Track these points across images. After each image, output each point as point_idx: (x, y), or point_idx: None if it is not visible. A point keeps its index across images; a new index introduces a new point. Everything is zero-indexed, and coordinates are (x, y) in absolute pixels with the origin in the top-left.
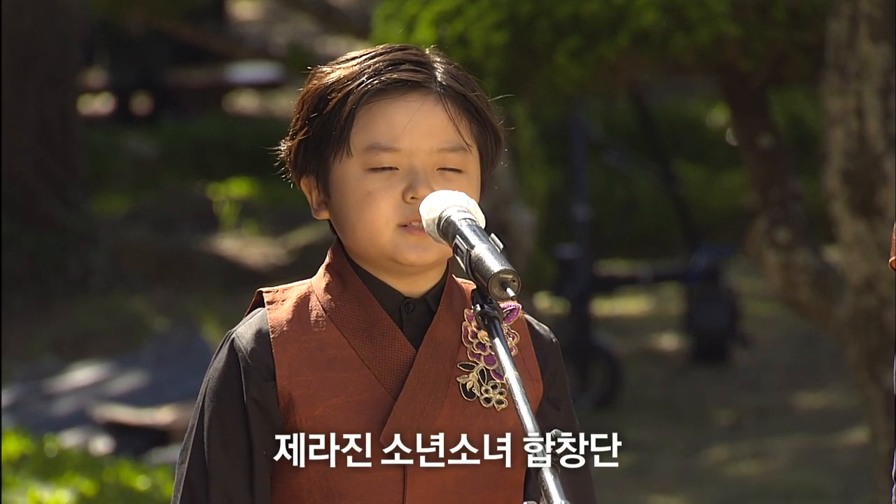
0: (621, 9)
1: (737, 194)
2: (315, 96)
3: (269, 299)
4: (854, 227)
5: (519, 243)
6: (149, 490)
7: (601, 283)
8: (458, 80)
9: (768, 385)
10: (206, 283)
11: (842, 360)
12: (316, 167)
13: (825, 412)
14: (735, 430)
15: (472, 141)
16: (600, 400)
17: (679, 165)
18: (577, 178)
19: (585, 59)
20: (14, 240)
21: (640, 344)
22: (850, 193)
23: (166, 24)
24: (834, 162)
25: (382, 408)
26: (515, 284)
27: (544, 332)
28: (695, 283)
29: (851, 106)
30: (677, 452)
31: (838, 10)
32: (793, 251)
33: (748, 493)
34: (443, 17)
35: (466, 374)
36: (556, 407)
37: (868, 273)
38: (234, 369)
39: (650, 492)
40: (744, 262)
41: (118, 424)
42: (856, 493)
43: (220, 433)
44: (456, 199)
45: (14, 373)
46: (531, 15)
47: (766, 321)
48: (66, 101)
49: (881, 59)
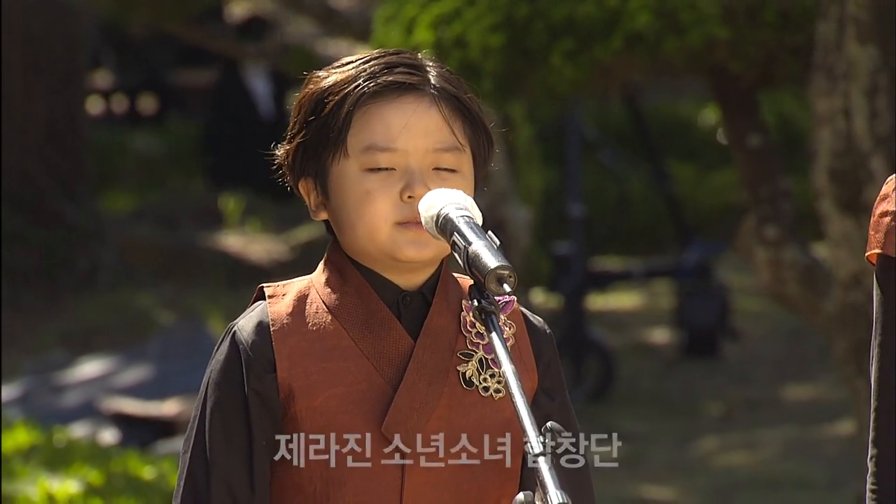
0: (615, 12)
1: (727, 192)
2: (312, 100)
3: (270, 293)
4: (841, 224)
5: (515, 240)
6: (155, 480)
7: (595, 278)
8: (451, 82)
9: (757, 378)
10: (211, 279)
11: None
12: (314, 169)
13: (813, 404)
14: (725, 422)
15: (465, 141)
16: (594, 392)
17: (671, 164)
18: (572, 177)
19: (580, 60)
20: (23, 236)
21: (632, 338)
22: (837, 191)
23: (171, 26)
24: (822, 161)
25: (381, 397)
26: (512, 280)
27: (539, 323)
28: (686, 279)
29: (839, 106)
30: (669, 443)
31: (826, 12)
32: (781, 247)
33: (738, 482)
34: (441, 20)
35: (466, 363)
36: (550, 397)
37: (855, 269)
38: (235, 361)
39: (643, 482)
40: (734, 259)
41: (125, 416)
42: (843, 483)
43: (221, 423)
44: (454, 196)
45: (23, 366)
46: (527, 17)
47: (755, 316)
48: (73, 101)
49: (868, 61)
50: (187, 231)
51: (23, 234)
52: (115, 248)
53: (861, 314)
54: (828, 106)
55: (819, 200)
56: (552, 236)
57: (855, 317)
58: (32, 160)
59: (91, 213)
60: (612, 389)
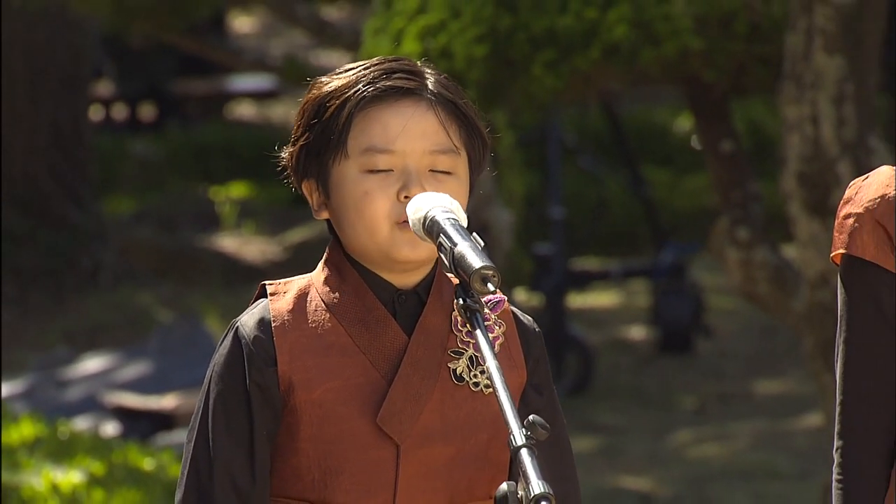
0: (593, 24)
1: (700, 196)
2: (315, 104)
3: (272, 291)
4: (809, 226)
5: (498, 241)
6: (154, 470)
7: (575, 278)
8: (447, 88)
9: (730, 373)
10: (208, 279)
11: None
12: (316, 171)
13: (783, 398)
14: (699, 415)
15: (461, 144)
16: (574, 387)
17: (647, 169)
18: (553, 181)
19: (560, 70)
20: (29, 238)
21: (610, 335)
22: (805, 195)
23: (169, 37)
24: (791, 165)
25: (377, 391)
26: (495, 279)
27: (528, 322)
28: (661, 278)
29: (807, 113)
30: (645, 435)
31: (795, 24)
32: (752, 248)
33: (711, 473)
34: (428, 32)
35: (457, 360)
36: (539, 392)
37: (822, 269)
38: (238, 355)
39: (620, 472)
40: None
41: (126, 410)
42: (811, 473)
43: (224, 415)
44: (440, 200)
45: (29, 362)
46: (510, 29)
47: (727, 313)
48: (77, 109)
49: (835, 70)
50: (185, 233)
51: (29, 235)
52: (116, 249)
53: (828, 312)
54: (796, 113)
55: (788, 203)
56: (534, 238)
57: (822, 314)
58: (38, 165)
59: (94, 216)
60: (591, 384)
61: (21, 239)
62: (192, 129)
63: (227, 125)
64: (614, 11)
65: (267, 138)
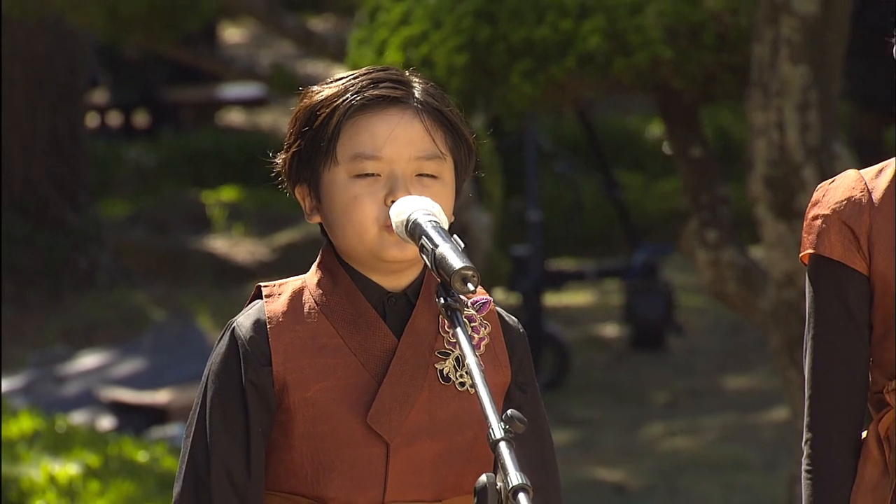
0: (569, 34)
1: (671, 199)
2: (306, 113)
3: (267, 293)
4: (776, 227)
5: (478, 243)
6: (148, 462)
7: (551, 278)
8: (433, 96)
9: (700, 368)
10: (200, 279)
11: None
12: (308, 176)
13: (750, 393)
14: (670, 409)
15: (446, 150)
16: (550, 382)
17: (620, 173)
18: (530, 185)
19: (537, 79)
20: (28, 240)
21: (585, 332)
22: (772, 198)
23: (162, 48)
24: (758, 169)
25: (367, 390)
26: (475, 279)
27: (513, 322)
28: (634, 278)
29: (773, 120)
30: (619, 429)
31: (761, 35)
32: (721, 249)
33: (682, 465)
34: (410, 42)
35: (443, 361)
36: (522, 390)
37: (788, 269)
38: (234, 355)
39: (594, 464)
40: (678, 259)
41: (121, 404)
42: (777, 465)
43: (220, 412)
44: (422, 203)
45: (28, 359)
46: (489, 39)
47: (697, 311)
48: (74, 116)
49: (800, 79)
50: (178, 235)
51: (28, 237)
52: (111, 251)
53: (794, 310)
54: (763, 120)
55: (755, 206)
56: (511, 239)
57: (788, 313)
58: (36, 170)
59: (90, 219)
60: (567, 379)
61: (20, 240)
62: (184, 135)
63: (218, 132)
64: (589, 23)
65: (256, 144)
